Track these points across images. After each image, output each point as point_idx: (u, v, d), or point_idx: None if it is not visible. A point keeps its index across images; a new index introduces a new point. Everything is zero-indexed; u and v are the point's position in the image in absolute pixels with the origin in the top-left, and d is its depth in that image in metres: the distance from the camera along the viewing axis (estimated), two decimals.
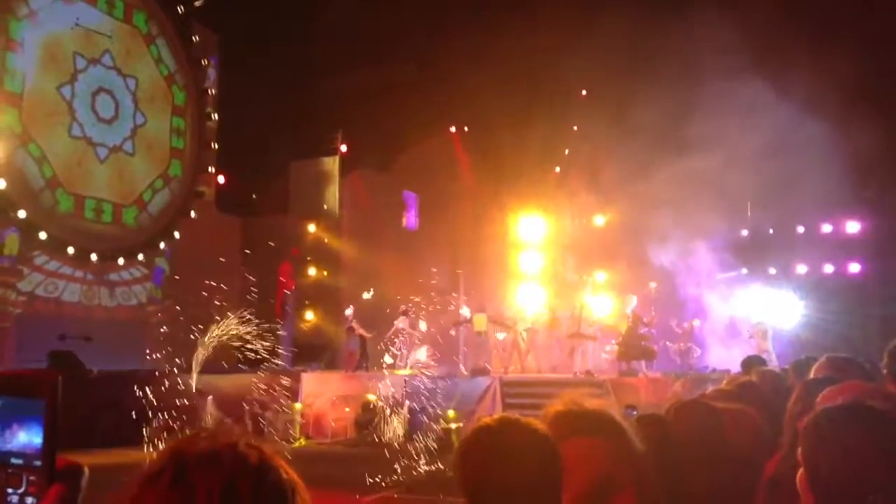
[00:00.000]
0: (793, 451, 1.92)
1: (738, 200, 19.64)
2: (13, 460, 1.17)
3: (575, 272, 21.37)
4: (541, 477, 1.64)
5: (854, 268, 20.51)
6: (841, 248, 20.68)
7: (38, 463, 1.17)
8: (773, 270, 20.51)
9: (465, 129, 24.25)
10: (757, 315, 17.91)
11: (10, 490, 1.17)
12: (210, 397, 14.62)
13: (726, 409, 2.87)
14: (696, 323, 18.45)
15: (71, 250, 17.46)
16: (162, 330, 17.87)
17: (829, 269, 20.72)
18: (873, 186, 19.63)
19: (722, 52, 17.53)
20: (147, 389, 13.42)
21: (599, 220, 22.54)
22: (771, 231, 21.33)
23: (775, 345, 16.35)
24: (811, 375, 3.40)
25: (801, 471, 1.65)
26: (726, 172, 17.92)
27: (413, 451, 11.96)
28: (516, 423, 1.71)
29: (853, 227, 20.65)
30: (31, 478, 1.17)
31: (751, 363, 5.30)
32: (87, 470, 1.23)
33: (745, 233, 21.40)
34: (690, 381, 12.71)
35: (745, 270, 20.34)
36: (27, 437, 1.17)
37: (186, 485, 1.01)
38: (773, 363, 14.96)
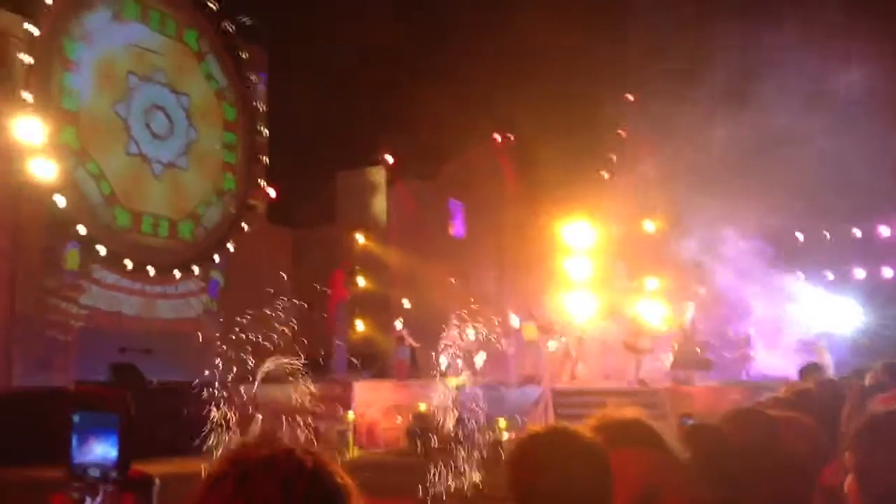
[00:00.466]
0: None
1: (792, 203, 19.24)
2: (90, 472, 1.24)
3: (625, 278, 21.14)
4: (591, 486, 1.65)
5: None
6: None
7: (114, 474, 1.23)
8: (830, 275, 20.02)
9: (510, 136, 24.24)
10: (814, 322, 17.53)
11: (87, 499, 1.24)
12: (264, 407, 14.80)
13: (782, 418, 2.84)
14: (752, 331, 18.12)
15: (129, 264, 17.88)
16: (217, 343, 18.17)
17: (888, 273, 20.16)
18: None
19: (778, 51, 17.23)
20: (203, 400, 13.65)
21: (649, 226, 22.29)
22: (827, 234, 20.84)
23: (833, 351, 15.97)
24: (867, 382, 3.34)
25: (849, 476, 1.64)
26: (780, 174, 17.58)
27: (464, 461, 11.95)
28: (566, 432, 1.73)
29: None
30: (107, 488, 1.23)
31: (808, 371, 5.21)
32: (157, 480, 1.29)
33: (800, 236, 20.94)
34: (747, 390, 12.50)
35: (801, 275, 19.90)
36: (103, 450, 1.23)
37: (248, 488, 1.07)
38: (830, 373, 14.62)
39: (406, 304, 20.48)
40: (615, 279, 21.38)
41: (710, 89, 17.97)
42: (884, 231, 20.58)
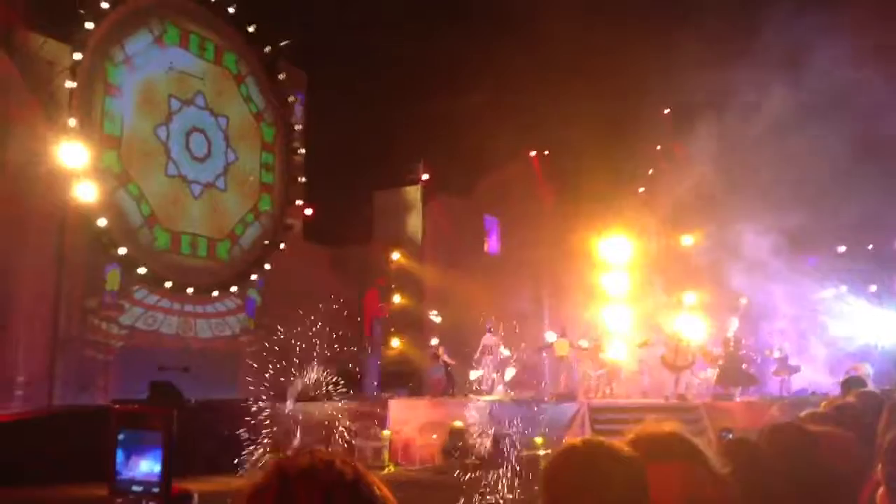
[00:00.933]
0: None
1: (833, 216, 18.91)
2: (134, 487, 1.28)
3: (664, 293, 20.93)
4: (628, 501, 1.63)
5: None
6: None
7: (156, 490, 1.27)
8: (873, 288, 19.63)
9: (545, 152, 24.23)
10: (857, 336, 17.20)
11: None
12: (301, 424, 14.91)
13: (821, 433, 2.80)
14: (787, 346, 17.82)
15: (169, 284, 18.16)
16: (254, 361, 18.36)
17: None
18: None
19: (818, 62, 17.00)
20: (242, 418, 13.79)
21: (687, 240, 22.08)
22: (870, 247, 20.45)
23: (874, 364, 15.62)
24: None
25: (881, 489, 1.61)
26: (821, 186, 17.31)
27: (501, 479, 11.90)
28: (603, 446, 1.71)
29: None
30: (150, 503, 1.27)
31: (850, 384, 5.11)
32: (196, 496, 1.33)
33: (842, 249, 20.57)
34: (788, 405, 12.28)
35: (844, 288, 19.54)
36: (147, 466, 1.28)
37: (289, 497, 1.09)
38: (871, 386, 14.30)
39: (437, 319, 20.51)
40: (652, 294, 21.18)
41: (749, 102, 17.81)
42: None
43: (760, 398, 15.69)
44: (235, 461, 12.54)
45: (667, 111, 22.64)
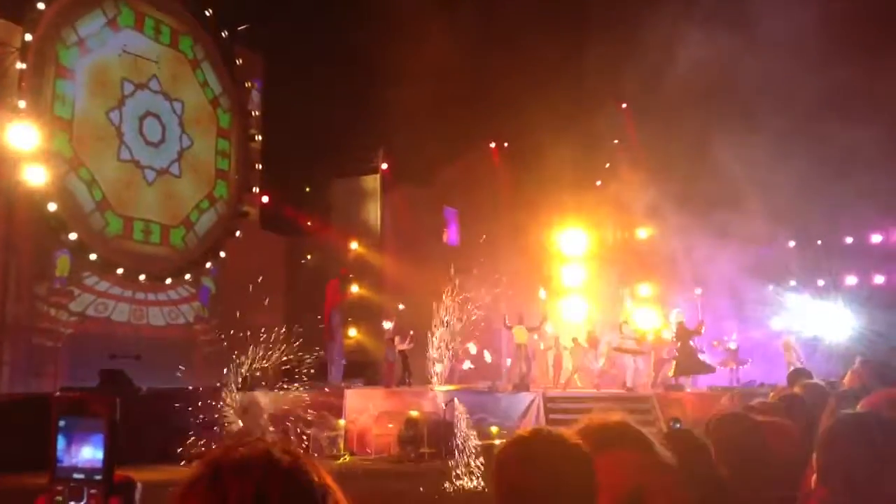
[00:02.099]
0: None
1: (784, 211, 19.32)
2: (75, 475, 1.25)
3: (617, 285, 21.19)
4: (576, 488, 1.65)
5: None
6: (891, 258, 20.23)
7: (98, 477, 1.24)
8: (821, 282, 20.11)
9: (505, 144, 24.31)
10: (806, 329, 17.61)
11: (72, 502, 1.25)
12: (254, 414, 14.80)
13: (767, 423, 2.85)
14: (735, 336, 18.17)
15: (120, 271, 17.85)
16: (208, 349, 18.16)
17: (879, 279, 20.26)
18: None
19: (769, 60, 17.32)
20: (194, 406, 13.63)
21: (642, 233, 22.37)
22: (819, 242, 20.94)
23: (821, 358, 16.03)
24: (845, 381, 3.40)
25: (814, 476, 1.66)
26: (772, 183, 17.66)
27: (455, 468, 11.95)
28: (551, 435, 1.73)
29: None
30: (92, 491, 1.24)
31: (796, 376, 5.23)
32: (140, 484, 1.30)
33: (791, 244, 21.03)
34: (738, 396, 12.53)
35: (792, 282, 19.98)
36: (90, 454, 1.25)
37: (221, 489, 1.07)
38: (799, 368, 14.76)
39: (401, 306, 20.47)
40: (607, 286, 21.44)
41: (703, 98, 18.06)
42: (875, 238, 20.69)
43: (710, 389, 15.98)
44: (185, 451, 12.39)
45: (624, 105, 22.87)
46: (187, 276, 19.63)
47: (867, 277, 20.27)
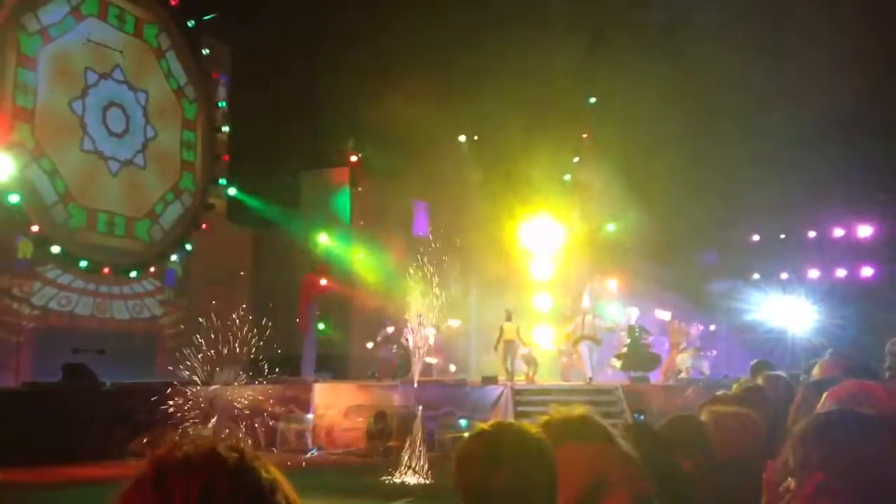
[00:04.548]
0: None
1: (748, 205, 19.60)
2: None
3: (584, 280, 21.31)
4: (538, 481, 1.65)
5: (867, 272, 20.42)
6: (853, 253, 20.60)
7: None
8: (785, 276, 20.42)
9: (475, 137, 24.30)
10: (773, 322, 17.90)
11: None
12: (221, 408, 14.67)
13: (729, 413, 2.88)
14: (699, 328, 18.42)
15: (84, 264, 17.58)
16: (174, 343, 17.96)
17: (841, 273, 20.62)
18: (886, 190, 19.56)
19: (732, 57, 17.53)
20: (159, 401, 13.48)
21: (610, 227, 22.53)
22: (783, 236, 21.26)
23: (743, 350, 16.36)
24: (815, 373, 3.45)
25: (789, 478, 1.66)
26: (737, 178, 17.90)
27: (424, 461, 11.95)
28: (512, 428, 1.74)
29: (865, 231, 20.55)
30: None
31: (758, 367, 5.30)
32: None
33: (756, 238, 21.33)
34: (702, 388, 12.70)
35: (756, 275, 20.26)
36: None
37: (166, 489, 1.05)
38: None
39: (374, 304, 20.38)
40: (575, 281, 21.56)
41: (671, 93, 18.21)
42: (838, 233, 21.05)
43: (676, 381, 16.18)
44: (150, 446, 12.22)
45: (592, 100, 22.98)
46: (152, 270, 19.38)
47: (829, 271, 20.61)
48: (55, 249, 16.92)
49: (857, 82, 16.48)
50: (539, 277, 22.09)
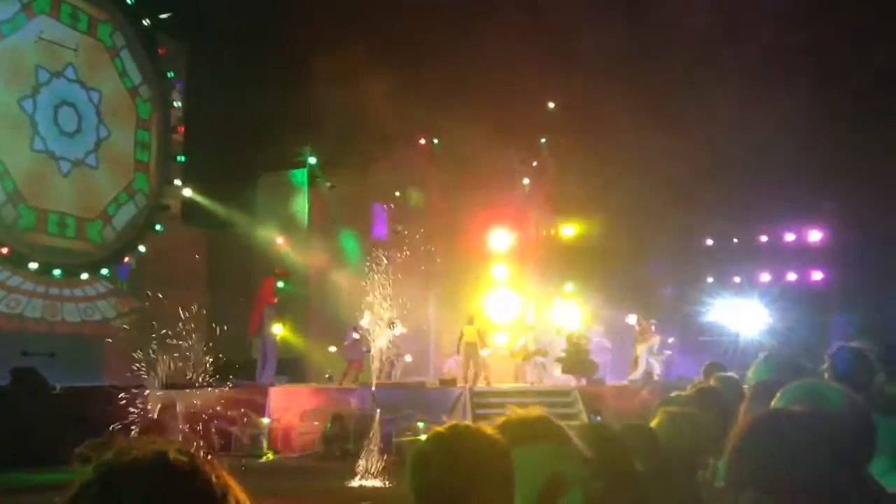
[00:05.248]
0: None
1: (703, 211, 19.92)
2: None
3: (540, 283, 21.47)
4: (494, 481, 1.66)
5: (816, 276, 20.89)
6: (803, 257, 21.07)
7: None
8: (737, 279, 20.81)
9: (435, 140, 24.31)
10: (726, 324, 18.20)
11: None
12: (173, 412, 14.43)
13: (681, 413, 2.93)
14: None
15: (34, 266, 17.19)
16: (126, 346, 17.63)
17: (792, 277, 21.08)
18: (834, 198, 20.05)
19: (688, 66, 17.84)
20: (111, 405, 13.24)
21: (568, 231, 22.71)
22: (735, 240, 21.66)
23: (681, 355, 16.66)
24: (750, 374, 3.55)
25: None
26: (691, 183, 18.18)
27: (381, 464, 11.92)
28: (468, 430, 1.74)
29: (815, 236, 21.03)
30: None
31: (711, 369, 5.40)
32: None
33: (709, 242, 21.69)
34: (657, 389, 12.87)
35: (710, 279, 20.60)
36: None
37: (110, 496, 1.03)
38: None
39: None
40: (534, 283, 21.70)
41: (629, 101, 18.44)
42: (789, 238, 21.50)
43: (630, 383, 16.39)
44: (77, 452, 11.97)
45: (551, 105, 23.16)
46: (104, 272, 19.01)
47: (780, 275, 21.05)
48: (3, 251, 16.52)
49: (807, 95, 16.88)
50: (498, 280, 22.17)
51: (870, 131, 17.70)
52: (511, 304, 21.54)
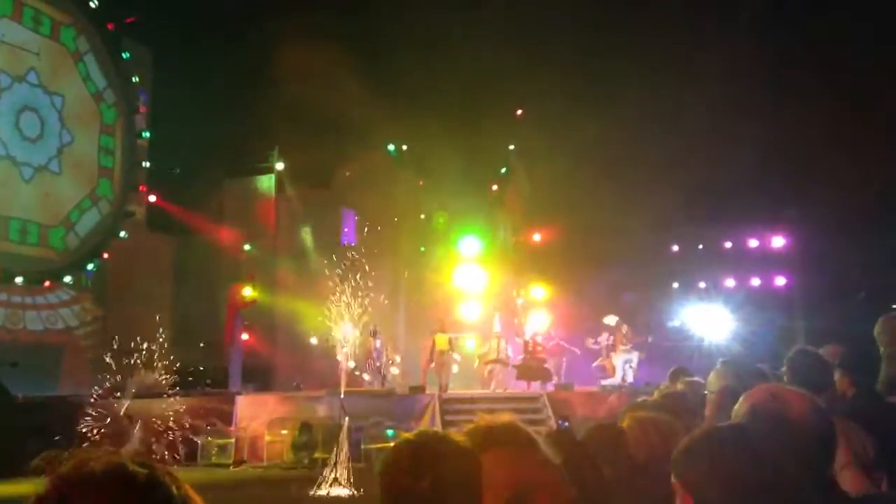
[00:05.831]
0: None
1: (669, 218, 20.12)
2: None
3: (510, 290, 21.53)
4: (462, 488, 1.65)
5: (780, 281, 21.20)
6: (767, 263, 21.38)
7: None
8: (703, 284, 21.06)
9: (404, 147, 24.30)
10: (692, 329, 18.39)
11: None
12: (140, 422, 14.24)
13: (647, 419, 2.95)
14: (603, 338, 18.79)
15: None
16: (90, 355, 17.37)
17: (756, 282, 21.37)
18: (796, 205, 20.38)
19: (652, 73, 18.05)
20: (75, 415, 13.02)
21: (537, 237, 22.81)
22: (700, 246, 21.92)
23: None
24: (710, 380, 3.61)
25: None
26: (657, 190, 18.36)
27: (350, 472, 11.84)
28: (436, 436, 1.73)
29: (778, 241, 21.36)
30: None
31: (677, 374, 5.45)
32: None
33: (675, 248, 21.93)
34: (625, 394, 12.98)
35: (675, 284, 20.82)
36: None
37: None
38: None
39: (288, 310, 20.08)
40: (502, 289, 21.75)
41: (596, 109, 18.61)
42: (753, 244, 21.81)
43: (599, 388, 16.48)
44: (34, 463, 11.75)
45: (519, 112, 23.27)
46: (67, 279, 18.69)
47: (745, 280, 21.34)
48: None
49: (769, 105, 17.20)
50: (467, 287, 22.18)
51: (829, 139, 18.04)
52: (479, 309, 21.57)
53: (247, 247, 21.93)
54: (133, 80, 20.88)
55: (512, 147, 23.72)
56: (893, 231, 17.49)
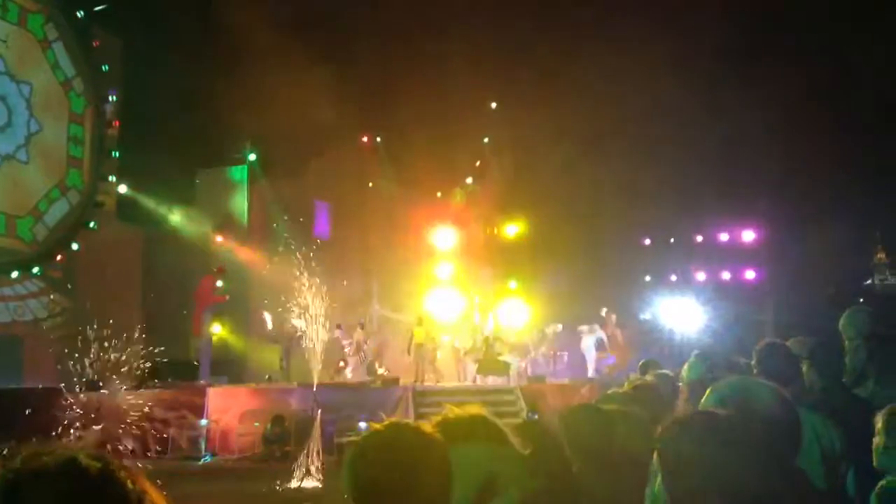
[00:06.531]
0: None
1: (641, 212, 20.29)
2: None
3: (485, 282, 21.59)
4: (432, 479, 1.65)
5: (749, 274, 21.46)
6: (737, 256, 21.64)
7: None
8: (674, 277, 21.27)
9: (378, 138, 24.22)
10: (663, 320, 18.56)
11: None
12: (108, 414, 14.09)
13: (618, 412, 2.97)
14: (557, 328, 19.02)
15: None
16: (59, 347, 17.12)
17: (726, 276, 21.62)
18: (765, 199, 20.64)
19: (628, 67, 18.13)
20: (42, 407, 12.84)
21: (511, 230, 22.86)
22: (672, 240, 22.13)
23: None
24: (685, 371, 3.64)
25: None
26: (630, 185, 18.49)
27: (322, 465, 11.82)
28: (406, 428, 1.73)
29: (748, 235, 21.62)
30: None
31: (647, 366, 5.50)
32: None
33: (647, 242, 22.11)
34: (596, 386, 13.08)
35: (648, 277, 20.99)
36: None
37: (18, 502, 0.99)
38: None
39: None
40: (476, 282, 21.79)
41: (571, 104, 18.68)
42: (723, 237, 22.05)
43: (571, 380, 16.62)
44: None
45: (493, 105, 23.29)
46: (35, 270, 18.40)
47: (715, 273, 21.58)
48: None
49: (740, 105, 17.36)
50: (441, 278, 22.20)
51: (799, 139, 18.27)
52: (456, 303, 21.60)
53: (219, 238, 21.75)
54: (103, 68, 20.54)
55: (486, 139, 23.73)
56: (861, 223, 17.79)
